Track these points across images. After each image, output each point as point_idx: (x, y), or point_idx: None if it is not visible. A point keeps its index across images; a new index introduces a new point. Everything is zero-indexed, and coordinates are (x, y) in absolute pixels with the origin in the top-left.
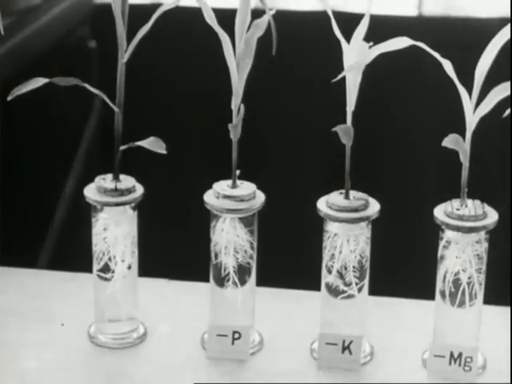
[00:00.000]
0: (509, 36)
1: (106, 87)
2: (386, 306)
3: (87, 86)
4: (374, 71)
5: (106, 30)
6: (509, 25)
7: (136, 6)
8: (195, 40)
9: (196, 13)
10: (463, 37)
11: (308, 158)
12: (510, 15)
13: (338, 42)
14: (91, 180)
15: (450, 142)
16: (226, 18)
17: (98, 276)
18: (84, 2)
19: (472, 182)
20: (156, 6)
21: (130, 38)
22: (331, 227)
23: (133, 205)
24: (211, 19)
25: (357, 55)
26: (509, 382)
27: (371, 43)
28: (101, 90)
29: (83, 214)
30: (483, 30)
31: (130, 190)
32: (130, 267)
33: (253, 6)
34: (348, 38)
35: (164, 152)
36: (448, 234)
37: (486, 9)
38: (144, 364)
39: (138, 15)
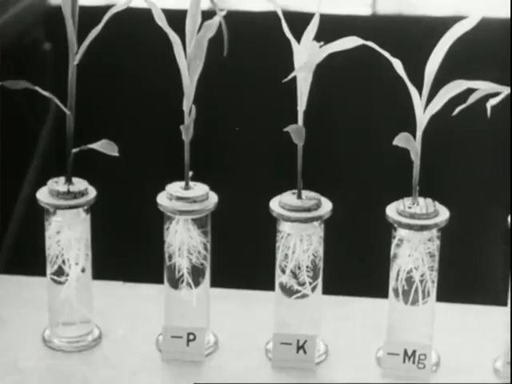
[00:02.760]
0: (458, 34)
1: (60, 89)
2: (340, 304)
3: (38, 88)
4: (325, 71)
5: (60, 31)
6: (460, 22)
7: (89, 7)
8: (147, 41)
9: (147, 14)
10: (417, 35)
11: (260, 158)
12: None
13: (290, 42)
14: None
15: (400, 140)
16: (177, 18)
17: (52, 279)
18: (38, 3)
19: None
20: (110, 8)
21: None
22: (284, 227)
23: (86, 207)
24: (161, 20)
25: (307, 55)
26: (464, 378)
27: (322, 43)
28: (56, 93)
29: (39, 217)
30: (437, 28)
31: (82, 193)
32: (83, 270)
33: (204, 7)
34: (301, 38)
35: (116, 154)
36: (400, 233)
37: (439, 7)
38: (99, 367)
39: (91, 17)
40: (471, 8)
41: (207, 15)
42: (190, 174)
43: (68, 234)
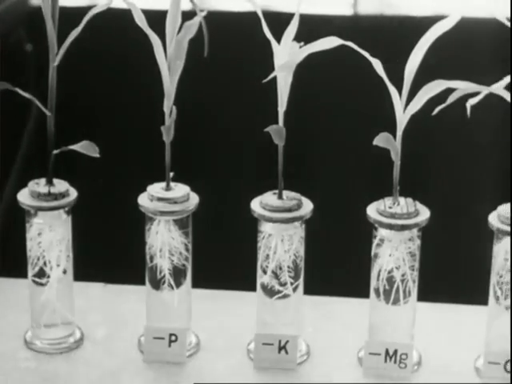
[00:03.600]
0: (438, 33)
1: (42, 90)
2: (322, 304)
3: (18, 90)
4: (305, 71)
5: (42, 32)
6: (439, 22)
7: (71, 8)
8: (127, 42)
9: (128, 15)
10: (399, 35)
11: (241, 158)
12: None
13: (270, 42)
14: None
15: (380, 140)
16: (157, 19)
17: (34, 281)
18: (20, 4)
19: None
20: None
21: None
22: (265, 227)
23: (67, 209)
24: (141, 21)
25: (287, 55)
26: (445, 377)
27: (302, 43)
28: (38, 94)
29: (20, 218)
30: (418, 28)
31: (63, 194)
32: (65, 272)
33: (184, 7)
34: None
35: (97, 155)
36: (381, 232)
37: (421, 7)
38: (81, 369)
39: (72, 17)
40: (452, 8)
41: (187, 16)
42: (171, 174)
43: (49, 236)
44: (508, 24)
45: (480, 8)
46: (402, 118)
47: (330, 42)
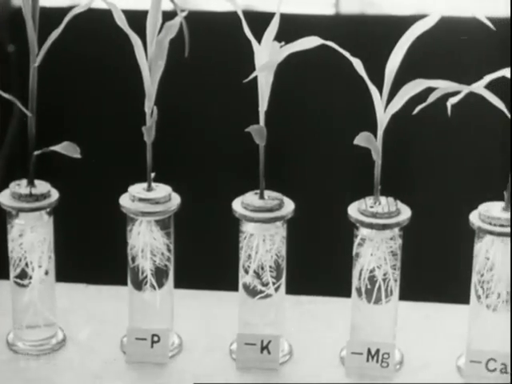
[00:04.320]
0: (418, 32)
1: (25, 91)
2: (304, 304)
3: None
4: (287, 70)
5: (24, 33)
6: (419, 21)
7: (52, 8)
8: (108, 42)
9: (109, 15)
10: (381, 35)
11: (223, 158)
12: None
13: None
14: None
15: (361, 140)
16: (138, 19)
17: (15, 282)
18: (2, 5)
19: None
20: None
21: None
22: (247, 227)
23: (48, 210)
24: (122, 21)
25: (268, 55)
26: (427, 376)
27: (283, 43)
28: (21, 95)
29: (3, 220)
30: (400, 27)
31: (44, 195)
32: (47, 273)
33: (165, 7)
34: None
35: (78, 156)
36: (362, 232)
37: (403, 6)
38: (64, 370)
39: (53, 18)
40: (434, 7)
41: (168, 16)
42: (153, 175)
43: (31, 237)
44: (488, 23)
45: (462, 7)
46: (383, 117)
47: (310, 42)
